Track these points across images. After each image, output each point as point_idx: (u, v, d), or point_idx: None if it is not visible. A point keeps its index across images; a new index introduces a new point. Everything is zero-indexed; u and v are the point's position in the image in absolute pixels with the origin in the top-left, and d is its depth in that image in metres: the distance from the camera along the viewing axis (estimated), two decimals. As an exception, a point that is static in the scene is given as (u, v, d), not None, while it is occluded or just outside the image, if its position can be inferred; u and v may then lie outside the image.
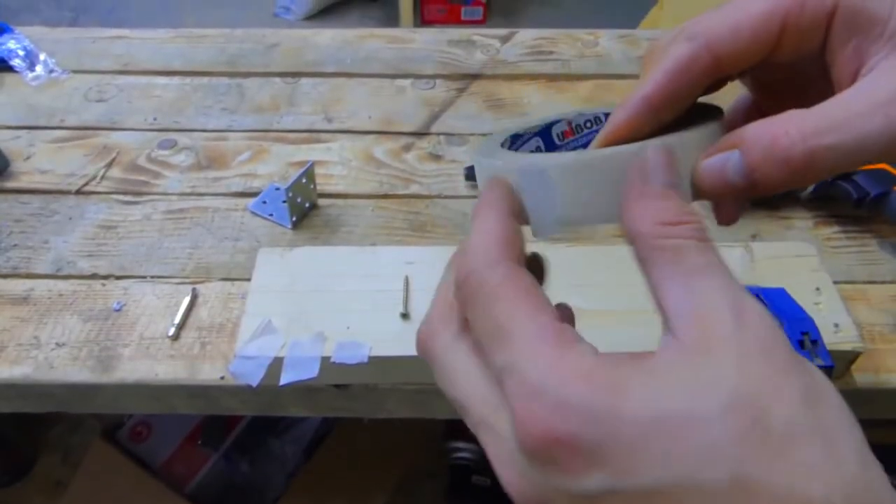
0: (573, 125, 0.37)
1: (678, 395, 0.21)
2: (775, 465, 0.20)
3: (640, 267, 0.25)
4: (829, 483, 0.20)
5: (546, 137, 0.37)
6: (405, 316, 0.57)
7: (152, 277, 0.65)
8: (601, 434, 0.21)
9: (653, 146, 0.27)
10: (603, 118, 0.36)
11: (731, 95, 0.35)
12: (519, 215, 0.29)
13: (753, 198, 0.29)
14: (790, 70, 0.30)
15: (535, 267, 0.32)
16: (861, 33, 0.27)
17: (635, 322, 0.56)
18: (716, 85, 0.31)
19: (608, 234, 0.67)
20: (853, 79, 0.28)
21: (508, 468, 0.24)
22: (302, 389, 0.57)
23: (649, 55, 0.30)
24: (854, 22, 0.27)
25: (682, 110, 0.30)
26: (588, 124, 0.37)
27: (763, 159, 0.26)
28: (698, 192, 0.29)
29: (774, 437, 0.20)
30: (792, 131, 0.26)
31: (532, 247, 0.30)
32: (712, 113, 0.31)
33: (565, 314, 0.31)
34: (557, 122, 0.37)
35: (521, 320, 0.24)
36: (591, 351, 0.23)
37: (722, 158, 0.27)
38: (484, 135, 0.81)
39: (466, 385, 0.26)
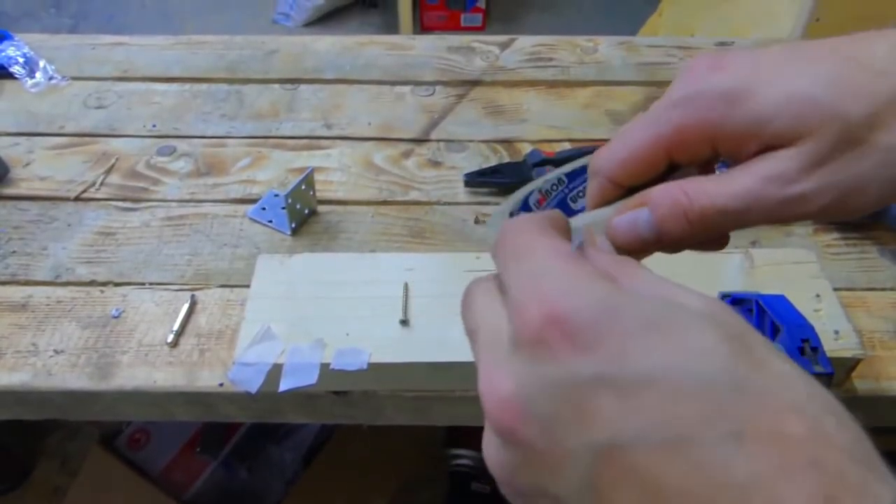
0: (542, 191, 0.42)
1: (680, 298, 0.24)
2: (762, 371, 0.21)
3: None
4: (811, 395, 0.21)
5: (525, 209, 0.42)
6: (404, 322, 0.57)
7: (151, 284, 0.65)
8: (596, 315, 0.22)
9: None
10: (565, 178, 0.41)
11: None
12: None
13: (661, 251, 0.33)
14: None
15: None
16: (744, 148, 0.31)
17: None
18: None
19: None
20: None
21: (496, 368, 0.24)
22: (301, 396, 0.57)
23: None
24: (734, 143, 0.31)
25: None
26: (554, 187, 0.42)
27: (667, 215, 0.31)
28: (618, 248, 0.32)
29: (756, 352, 0.22)
30: (690, 193, 0.31)
31: None
32: None
33: None
34: (531, 192, 0.41)
35: (540, 243, 0.26)
36: (589, 266, 0.26)
37: (633, 215, 0.32)
38: (484, 141, 0.81)
39: (481, 305, 0.27)
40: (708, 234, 0.31)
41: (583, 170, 0.42)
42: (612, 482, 0.21)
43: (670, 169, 0.34)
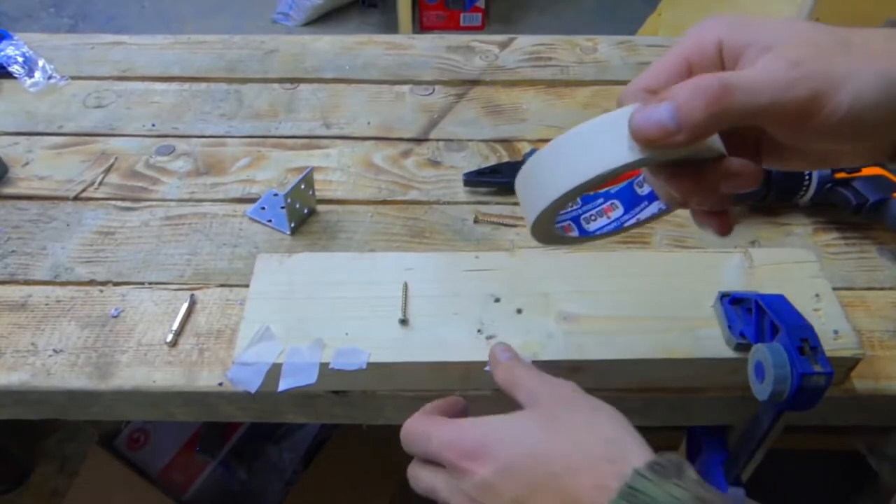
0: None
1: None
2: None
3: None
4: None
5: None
6: (404, 322, 0.57)
7: (150, 284, 0.65)
8: (488, 446, 0.41)
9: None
10: (580, 200, 0.46)
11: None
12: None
13: (741, 201, 0.37)
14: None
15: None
16: (743, 53, 0.38)
17: (635, 328, 0.56)
18: None
19: (608, 241, 0.67)
20: None
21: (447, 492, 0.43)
22: (300, 396, 0.57)
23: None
24: (736, 50, 0.38)
25: None
26: (570, 204, 0.47)
27: (686, 100, 0.35)
28: (641, 143, 0.36)
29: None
30: (705, 78, 0.35)
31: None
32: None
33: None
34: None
35: (432, 430, 0.44)
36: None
37: (655, 106, 0.35)
38: (483, 141, 0.81)
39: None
40: (725, 118, 0.35)
41: (597, 195, 0.47)
42: None
43: None
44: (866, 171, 0.68)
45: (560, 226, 0.47)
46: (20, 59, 0.90)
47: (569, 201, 0.39)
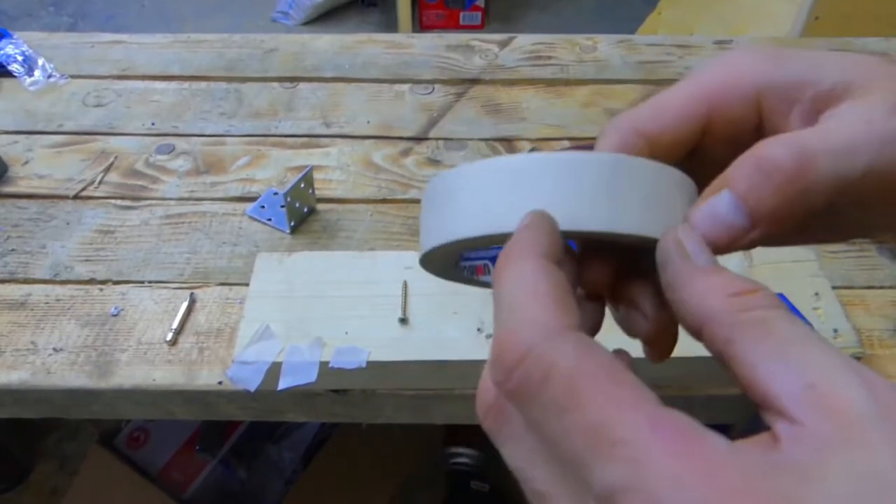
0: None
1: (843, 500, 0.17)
2: None
3: (717, 352, 0.21)
4: None
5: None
6: (403, 321, 0.57)
7: (150, 282, 0.65)
8: None
9: (683, 226, 0.25)
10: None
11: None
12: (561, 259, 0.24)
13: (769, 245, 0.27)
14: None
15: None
16: (799, 100, 0.27)
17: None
18: None
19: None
20: None
21: None
22: (300, 395, 0.57)
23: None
24: (787, 95, 0.27)
25: None
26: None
27: (752, 185, 0.24)
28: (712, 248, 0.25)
29: None
30: (774, 144, 0.25)
31: None
32: None
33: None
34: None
35: (625, 415, 0.19)
36: (728, 448, 0.18)
37: (711, 202, 0.25)
38: (483, 140, 0.81)
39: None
40: (806, 201, 0.24)
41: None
42: None
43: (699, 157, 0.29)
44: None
45: (470, 265, 0.35)
46: (20, 58, 0.90)
47: (487, 245, 0.27)
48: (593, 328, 0.29)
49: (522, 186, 0.25)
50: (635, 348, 0.27)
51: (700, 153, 0.29)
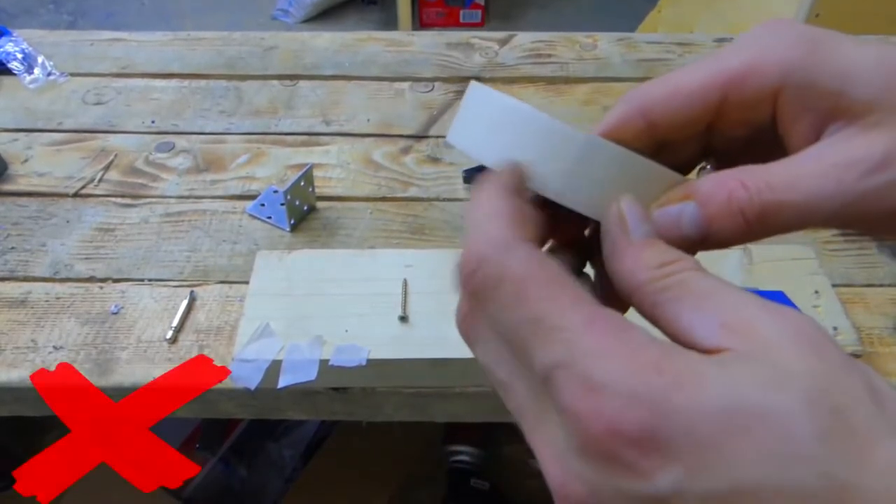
0: None
1: (755, 389, 0.19)
2: (866, 466, 0.18)
3: (648, 316, 0.24)
4: None
5: None
6: (403, 319, 0.57)
7: (150, 280, 0.65)
8: (675, 429, 0.19)
9: (626, 200, 0.26)
10: None
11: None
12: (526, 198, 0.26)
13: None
14: (746, 139, 0.29)
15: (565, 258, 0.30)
16: (814, 109, 0.26)
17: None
18: (669, 152, 0.30)
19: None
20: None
21: (558, 469, 0.21)
22: (300, 393, 0.57)
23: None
24: (805, 98, 0.26)
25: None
26: None
27: (719, 212, 0.25)
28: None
29: (859, 437, 0.19)
30: (749, 185, 0.25)
31: None
32: None
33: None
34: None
35: (563, 309, 0.21)
36: (649, 338, 0.21)
37: (677, 209, 0.26)
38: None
39: (502, 373, 0.24)
40: (765, 235, 0.26)
41: None
42: None
43: (703, 150, 0.30)
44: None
45: None
46: (19, 56, 0.90)
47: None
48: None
49: (515, 133, 0.27)
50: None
51: (711, 125, 0.29)
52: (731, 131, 0.29)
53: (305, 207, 0.71)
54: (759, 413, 0.19)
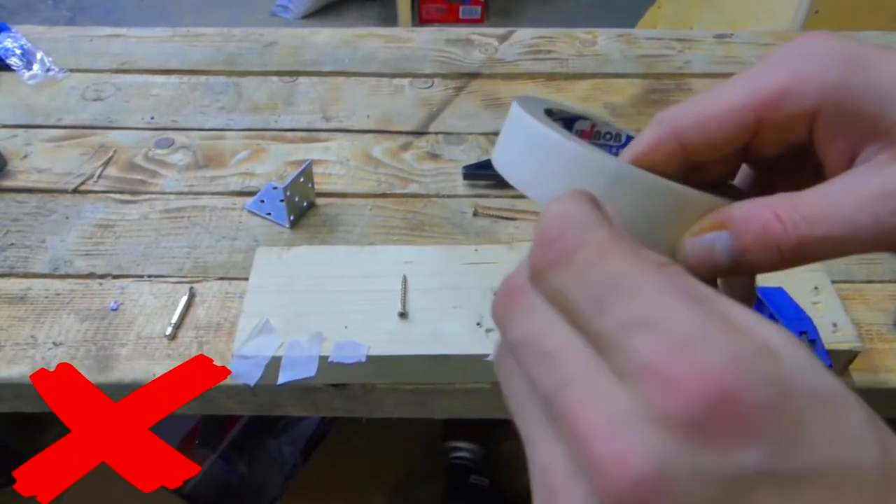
0: (594, 130, 0.36)
1: (824, 376, 0.19)
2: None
3: None
4: None
5: (568, 128, 0.35)
6: (403, 315, 0.57)
7: (149, 277, 0.65)
8: (770, 395, 0.18)
9: None
10: (625, 138, 0.36)
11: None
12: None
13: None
14: (781, 154, 0.29)
15: None
16: (851, 129, 0.26)
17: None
18: (704, 170, 0.30)
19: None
20: (846, 169, 0.27)
21: (616, 443, 0.18)
22: (300, 389, 0.57)
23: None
24: (843, 119, 0.26)
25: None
26: (608, 136, 0.37)
27: (754, 244, 0.25)
28: (678, 260, 0.27)
29: (885, 431, 0.19)
30: (784, 218, 0.25)
31: None
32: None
33: None
34: (582, 118, 0.36)
35: (645, 271, 0.20)
36: (736, 304, 0.20)
37: (711, 238, 0.26)
38: (482, 134, 0.81)
39: (554, 341, 0.21)
40: (797, 265, 0.26)
41: None
42: None
43: (702, 169, 0.29)
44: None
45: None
46: (18, 52, 0.90)
47: None
48: None
49: (546, 161, 0.27)
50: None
51: (746, 143, 0.29)
52: (766, 149, 0.28)
53: (305, 204, 0.71)
54: (836, 392, 0.19)
